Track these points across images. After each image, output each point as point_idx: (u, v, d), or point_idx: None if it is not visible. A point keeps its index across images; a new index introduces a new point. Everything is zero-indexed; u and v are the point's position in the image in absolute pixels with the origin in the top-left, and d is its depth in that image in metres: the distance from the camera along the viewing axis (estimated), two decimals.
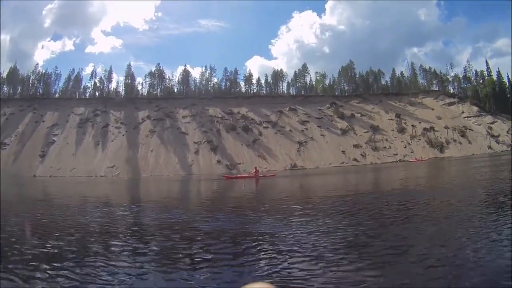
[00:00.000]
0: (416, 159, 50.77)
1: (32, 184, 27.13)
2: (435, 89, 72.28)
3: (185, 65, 65.95)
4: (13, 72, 68.16)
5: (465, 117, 64.53)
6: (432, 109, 67.68)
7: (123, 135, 53.11)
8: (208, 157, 50.22)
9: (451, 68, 75.44)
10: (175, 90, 65.52)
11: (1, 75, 66.75)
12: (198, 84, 65.87)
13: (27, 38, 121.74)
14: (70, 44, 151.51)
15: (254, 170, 22.14)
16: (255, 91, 66.40)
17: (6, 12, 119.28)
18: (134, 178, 42.47)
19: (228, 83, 65.99)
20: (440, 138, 60.24)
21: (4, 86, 68.96)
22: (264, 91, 66.83)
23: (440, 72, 73.45)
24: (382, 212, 6.28)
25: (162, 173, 47.67)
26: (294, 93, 66.09)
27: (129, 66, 63.89)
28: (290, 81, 67.09)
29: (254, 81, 66.40)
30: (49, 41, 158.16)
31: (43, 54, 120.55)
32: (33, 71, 66.67)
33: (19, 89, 67.26)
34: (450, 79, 74.30)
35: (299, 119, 57.77)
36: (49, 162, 52.58)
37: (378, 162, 54.18)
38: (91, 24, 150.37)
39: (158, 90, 65.04)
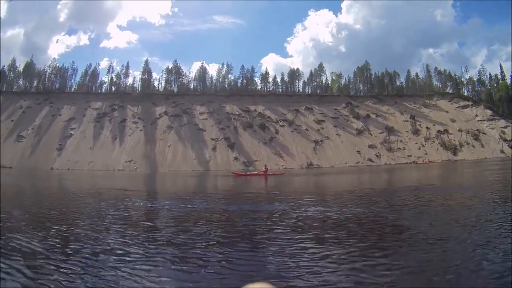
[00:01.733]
0: (423, 161, 50.47)
1: (61, 176, 26.91)
2: (450, 91, 72.06)
3: (202, 62, 66.47)
4: (29, 65, 68.67)
5: (478, 121, 64.29)
6: (447, 111, 67.41)
7: (141, 130, 53.35)
8: (225, 153, 50.34)
9: (466, 71, 75.27)
10: (191, 87, 65.75)
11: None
12: (214, 81, 66.04)
13: (41, 32, 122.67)
14: (85, 38, 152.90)
15: (264, 168, 23.16)
16: (271, 89, 66.46)
17: (20, 6, 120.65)
18: (152, 172, 42.68)
19: (244, 81, 66.05)
20: (454, 140, 60.13)
21: (20, 79, 69.63)
22: (280, 89, 66.87)
23: (455, 75, 73.31)
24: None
25: (180, 169, 47.79)
26: (310, 92, 66.05)
27: (146, 62, 64.38)
28: (306, 80, 67.13)
29: (270, 79, 66.50)
30: (64, 35, 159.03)
31: (57, 48, 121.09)
32: (50, 65, 67.17)
33: (35, 83, 67.73)
34: (465, 82, 74.06)
35: (315, 118, 57.81)
36: (66, 155, 52.91)
37: (392, 163, 54.17)
38: (107, 18, 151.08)
39: (175, 86, 65.16)
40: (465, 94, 72.92)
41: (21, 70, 69.24)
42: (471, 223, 4.63)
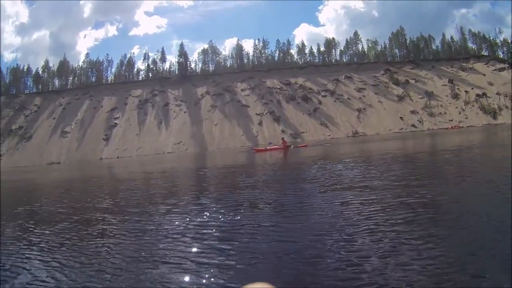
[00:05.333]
0: (451, 126, 49.53)
1: (111, 165, 25.22)
2: (485, 53, 70.17)
3: (238, 39, 66.88)
4: (63, 64, 70.19)
5: None
6: (484, 74, 65.71)
7: (185, 112, 53.83)
8: (272, 127, 50.34)
9: (500, 32, 73.10)
10: (228, 65, 66.10)
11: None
12: (251, 57, 66.22)
13: (67, 30, 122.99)
14: (113, 29, 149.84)
15: (282, 141, 21.01)
16: (307, 60, 66.11)
17: (43, 9, 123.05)
18: (202, 151, 42.94)
19: (281, 54, 66.02)
20: (493, 104, 58.71)
21: (55, 79, 71.31)
22: (317, 60, 66.48)
23: (489, 36, 71.29)
24: None
25: (229, 145, 48.07)
26: (348, 61, 65.34)
27: (181, 45, 64.89)
28: (342, 49, 66.59)
29: (307, 51, 66.10)
30: (90, 30, 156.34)
31: (86, 43, 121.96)
32: (84, 60, 68.55)
33: (70, 80, 69.20)
34: (499, 44, 71.95)
35: (356, 87, 57.17)
36: (113, 145, 53.89)
37: (435, 128, 53.23)
38: (134, 7, 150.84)
39: (212, 66, 65.69)
40: (501, 56, 70.87)
41: (55, 70, 70.89)
42: None
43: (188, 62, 63.64)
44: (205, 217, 3.52)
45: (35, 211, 5.08)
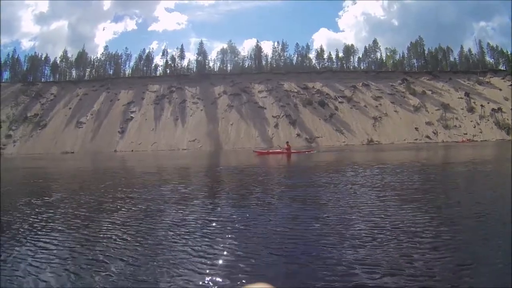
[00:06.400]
0: (463, 140, 49.36)
1: (130, 158, 24.80)
2: (503, 68, 69.86)
3: (257, 41, 67.22)
4: (81, 55, 70.82)
5: None
6: (500, 89, 65.33)
7: (201, 110, 54.13)
8: (287, 130, 50.47)
9: None
10: (246, 66, 66.42)
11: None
12: (270, 59, 66.53)
13: (86, 22, 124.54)
14: (133, 24, 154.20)
15: (286, 146, 19.15)
16: (326, 65, 66.23)
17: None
18: (217, 150, 43.11)
19: (299, 58, 66.22)
20: (507, 120, 58.44)
21: (73, 69, 72.03)
22: (335, 66, 66.56)
23: (507, 51, 70.98)
24: None
25: (244, 146, 48.24)
26: (365, 68, 65.42)
27: (201, 43, 65.57)
28: (360, 56, 66.72)
29: (325, 55, 66.32)
30: (110, 23, 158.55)
31: (104, 35, 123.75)
32: (103, 53, 69.14)
33: (88, 71, 69.82)
34: None
35: (373, 95, 57.15)
36: (129, 138, 54.29)
37: (449, 140, 53.10)
38: (154, 2, 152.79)
39: (230, 66, 65.95)
40: None
41: (73, 60, 71.55)
42: None
43: (206, 61, 64.13)
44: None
45: (78, 199, 4.82)
